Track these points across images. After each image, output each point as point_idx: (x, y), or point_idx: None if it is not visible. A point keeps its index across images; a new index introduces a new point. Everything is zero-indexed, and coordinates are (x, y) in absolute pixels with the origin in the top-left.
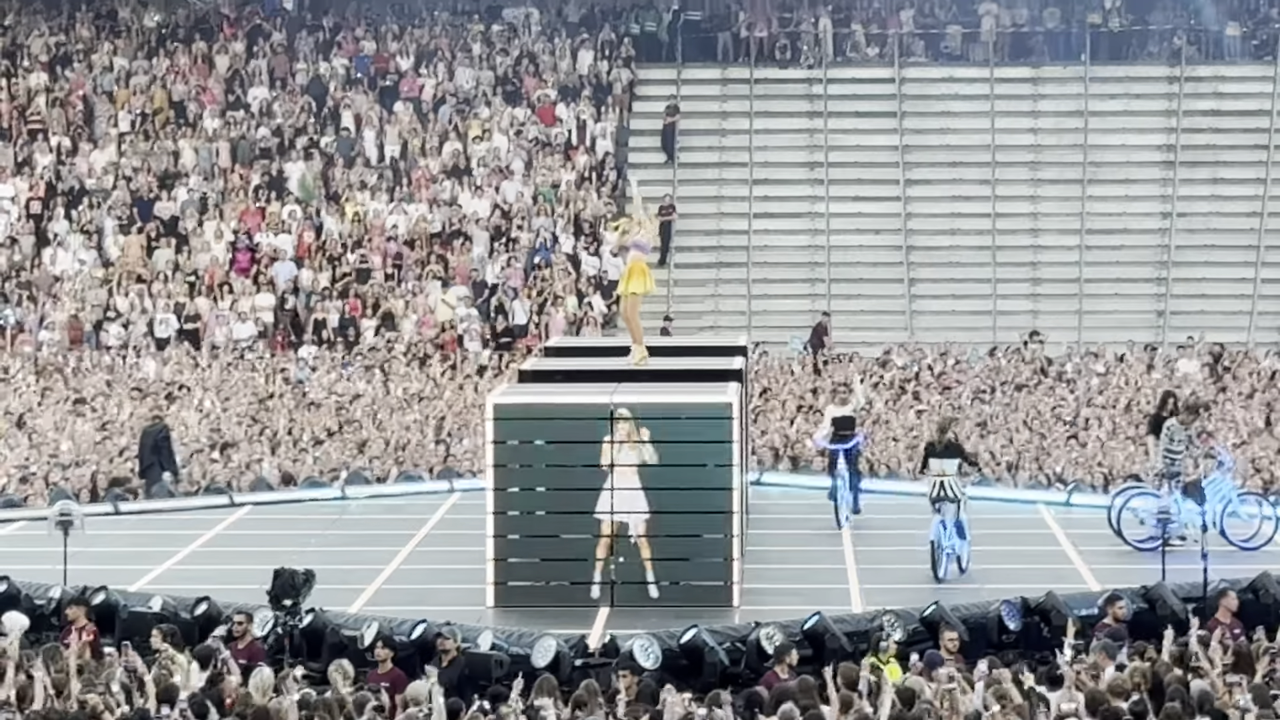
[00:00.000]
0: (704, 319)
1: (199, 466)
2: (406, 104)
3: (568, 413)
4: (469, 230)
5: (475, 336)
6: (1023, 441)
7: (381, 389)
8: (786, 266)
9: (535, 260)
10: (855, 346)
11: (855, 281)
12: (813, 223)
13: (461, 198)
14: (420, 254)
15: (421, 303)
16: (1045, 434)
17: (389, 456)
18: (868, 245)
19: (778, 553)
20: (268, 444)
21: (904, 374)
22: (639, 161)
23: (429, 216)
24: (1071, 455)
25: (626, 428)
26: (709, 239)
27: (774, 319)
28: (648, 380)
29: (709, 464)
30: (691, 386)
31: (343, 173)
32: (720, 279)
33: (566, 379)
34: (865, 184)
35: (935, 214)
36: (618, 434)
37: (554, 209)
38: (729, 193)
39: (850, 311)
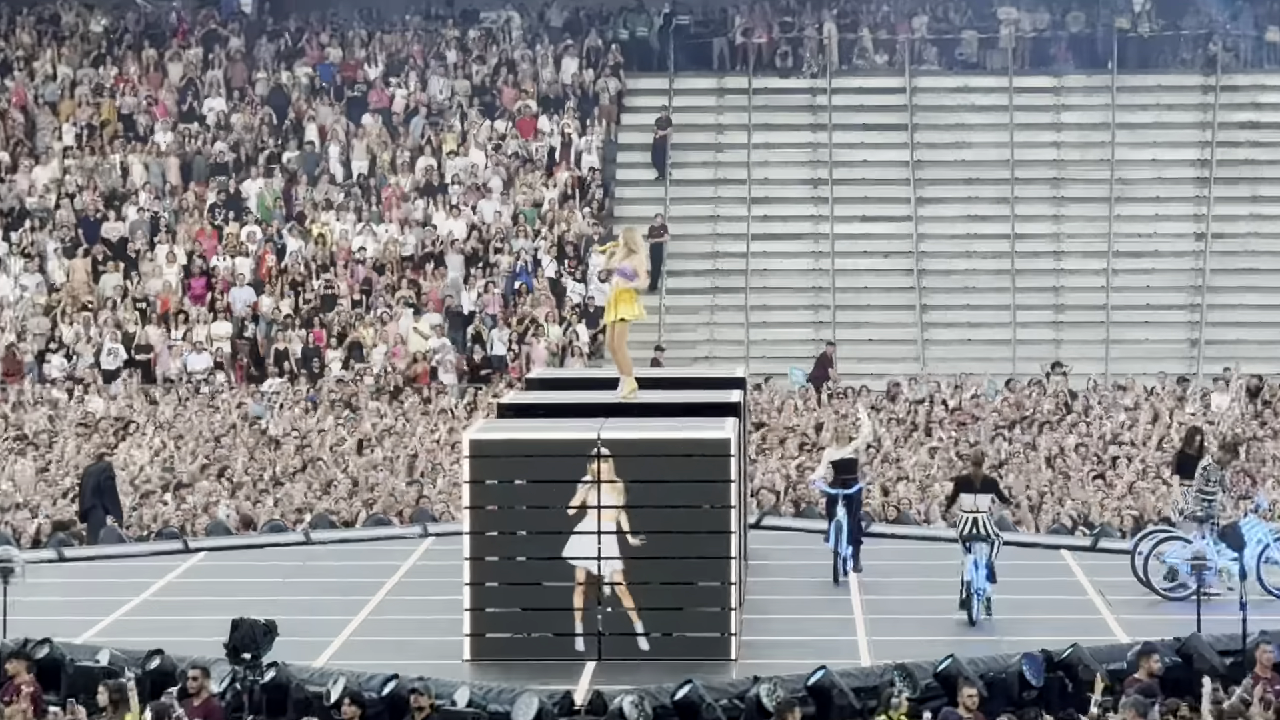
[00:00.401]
0: (698, 349)
1: (151, 509)
2: (375, 116)
3: (551, 450)
4: (443, 253)
5: (450, 368)
6: (1045, 482)
7: (349, 425)
8: (787, 292)
9: (515, 286)
10: (862, 379)
11: (862, 308)
12: (816, 245)
13: (435, 218)
14: (390, 279)
15: (392, 332)
16: (1069, 474)
17: (357, 498)
18: (876, 269)
19: (779, 602)
20: (225, 485)
21: (915, 409)
22: (628, 178)
23: (400, 238)
24: (1098, 497)
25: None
26: (704, 262)
27: (774, 349)
28: (638, 415)
29: (704, 505)
30: (685, 422)
31: (306, 191)
32: (716, 306)
33: (550, 414)
34: (873, 203)
35: (949, 235)
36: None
37: (536, 230)
38: (725, 212)
39: (857, 341)
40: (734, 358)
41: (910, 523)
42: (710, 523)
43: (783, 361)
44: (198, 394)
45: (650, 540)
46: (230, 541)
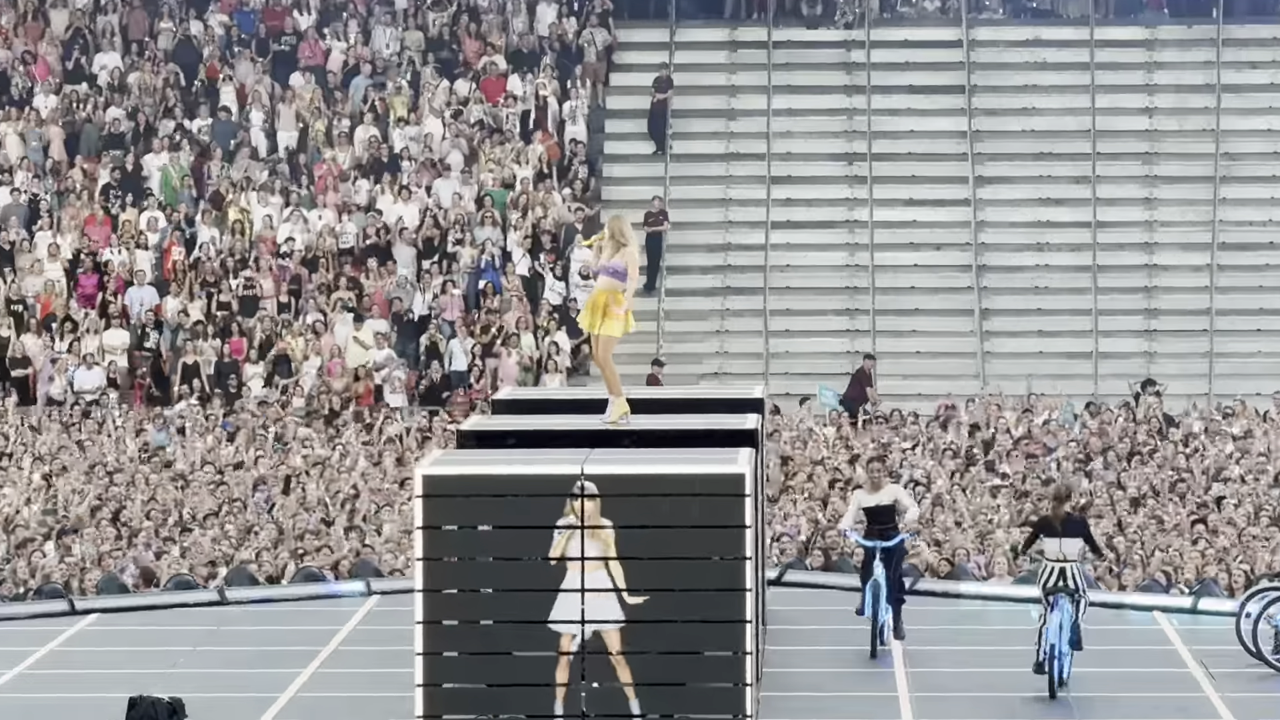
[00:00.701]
0: (706, 363)
1: (29, 561)
2: (307, 76)
3: (524, 488)
4: (391, 245)
5: (399, 387)
6: (1134, 528)
7: (274, 457)
8: (816, 294)
9: (480, 286)
10: (908, 400)
11: (908, 314)
12: (851, 235)
13: (381, 201)
14: (325, 277)
15: (327, 343)
16: (1164, 518)
17: (283, 548)
18: (925, 265)
19: (805, 676)
20: (121, 531)
21: (973, 438)
22: (619, 153)
23: (337, 227)
24: (1199, 546)
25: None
26: (713, 257)
27: (800, 363)
28: (631, 445)
29: (713, 557)
30: (689, 454)
31: (221, 168)
32: (728, 310)
33: (522, 444)
34: (922, 183)
35: (1015, 223)
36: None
37: (505, 217)
38: (739, 194)
39: (902, 354)
40: (750, 374)
41: (967, 578)
42: (721, 578)
43: (810, 379)
44: (87, 419)
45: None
46: (127, 601)
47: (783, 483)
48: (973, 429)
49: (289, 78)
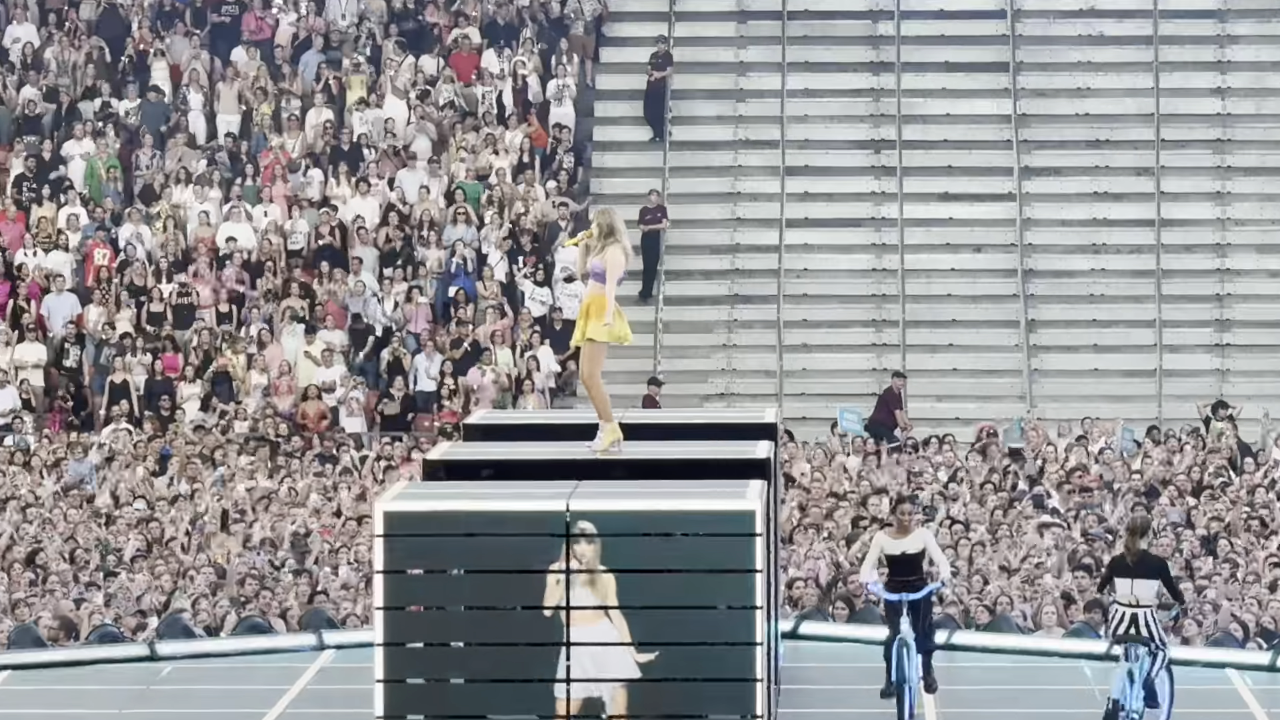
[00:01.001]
0: (711, 382)
1: None
2: (251, 51)
3: (502, 527)
4: (348, 246)
5: (357, 410)
6: (1205, 572)
7: (213, 490)
8: (838, 302)
9: (451, 293)
10: (943, 424)
11: (944, 325)
12: (879, 234)
13: (336, 196)
14: (272, 283)
15: (274, 358)
16: (1238, 561)
17: (224, 594)
18: (963, 269)
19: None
20: (37, 575)
21: (1018, 468)
22: (610, 139)
23: (286, 225)
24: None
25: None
26: (719, 259)
27: (819, 382)
28: (624, 477)
29: (720, 606)
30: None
31: (153, 157)
32: (736, 321)
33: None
34: (959, 175)
35: (1067, 221)
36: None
37: (480, 214)
38: (750, 187)
39: (936, 372)
40: (761, 396)
41: (1011, 629)
42: (727, 630)
43: (830, 401)
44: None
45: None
46: (44, 656)
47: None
48: (1016, 457)
49: (230, 53)
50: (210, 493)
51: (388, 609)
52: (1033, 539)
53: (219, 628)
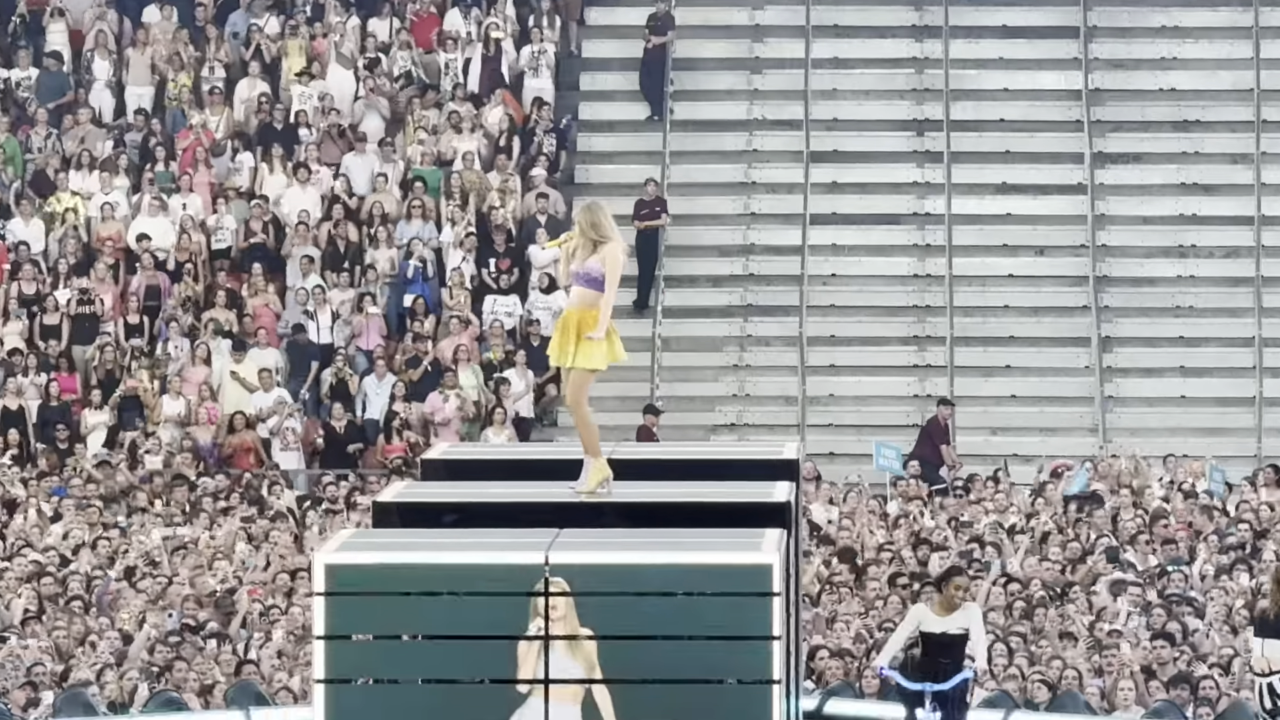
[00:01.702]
0: (720, 410)
1: None
2: (166, 11)
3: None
4: (283, 247)
5: (294, 442)
6: None
7: (120, 539)
8: (873, 314)
9: (406, 302)
10: (998, 459)
11: (1001, 343)
12: (922, 232)
13: (270, 185)
14: (192, 289)
15: (194, 381)
16: None
17: (132, 665)
18: (1024, 275)
19: None
20: None
21: (1089, 513)
22: (600, 117)
23: (209, 220)
24: None
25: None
26: (730, 262)
27: (849, 411)
28: (614, 524)
29: (730, 680)
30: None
31: (48, 137)
32: (750, 337)
33: (464, 521)
34: (1018, 162)
35: (1149, 218)
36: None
37: (441, 207)
38: (768, 176)
39: (990, 398)
40: (780, 426)
41: (1079, 710)
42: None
43: (863, 433)
44: None
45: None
46: None
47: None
48: (1089, 502)
49: (141, 13)
50: (116, 541)
51: (329, 682)
52: (1105, 600)
53: (127, 703)
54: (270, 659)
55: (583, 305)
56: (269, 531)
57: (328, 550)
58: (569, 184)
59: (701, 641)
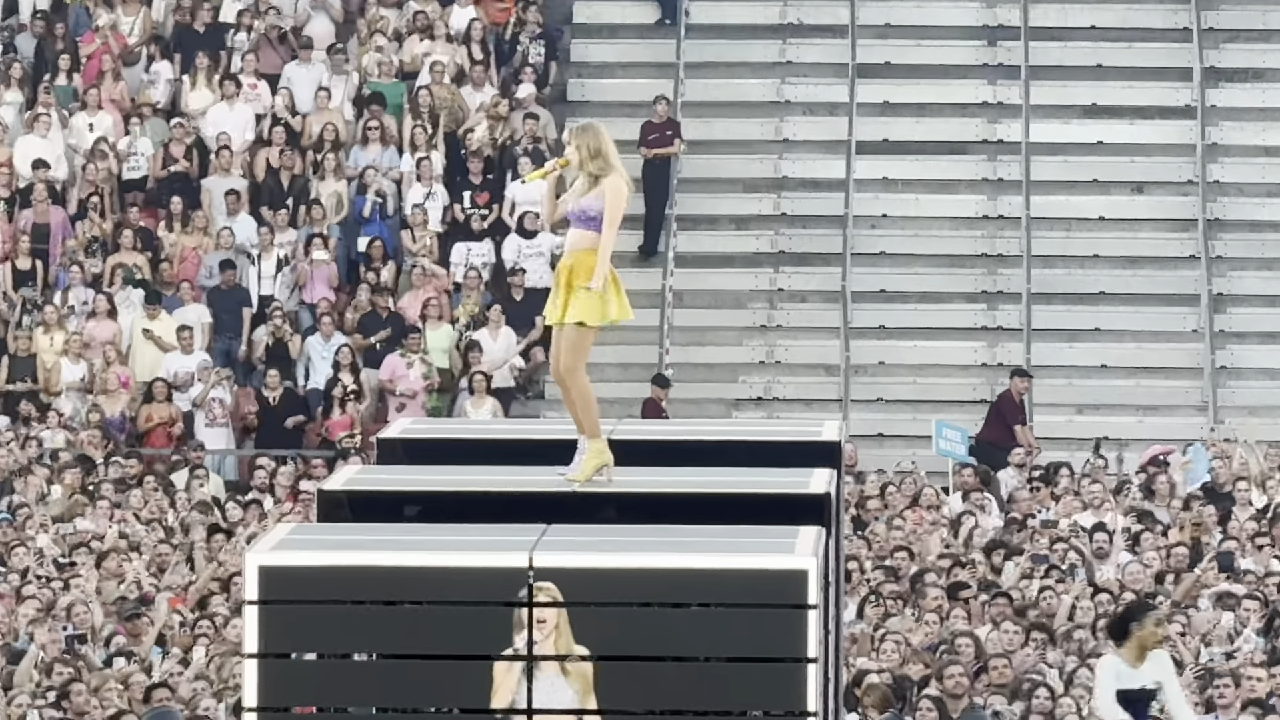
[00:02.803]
0: (744, 381)
1: None
2: None
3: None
4: (209, 181)
5: (220, 416)
6: None
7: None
8: (932, 265)
9: (361, 246)
10: (1085, 443)
11: (1088, 300)
12: (993, 165)
13: (193, 100)
14: (99, 229)
15: (99, 338)
16: None
17: (21, 689)
18: (1118, 218)
19: None
20: None
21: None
22: (599, 20)
23: (119, 145)
24: None
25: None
26: (757, 200)
27: (903, 383)
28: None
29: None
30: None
31: None
32: (781, 291)
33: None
34: (1112, 78)
35: (1270, 148)
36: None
37: (403, 130)
38: (804, 94)
39: (1076, 369)
40: (818, 401)
41: None
42: None
43: (920, 410)
44: None
45: None
46: None
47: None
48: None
49: None
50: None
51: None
52: (1212, 617)
53: None
54: (190, 682)
55: (580, 251)
56: (190, 525)
57: (261, 549)
58: (561, 102)
59: (720, 664)
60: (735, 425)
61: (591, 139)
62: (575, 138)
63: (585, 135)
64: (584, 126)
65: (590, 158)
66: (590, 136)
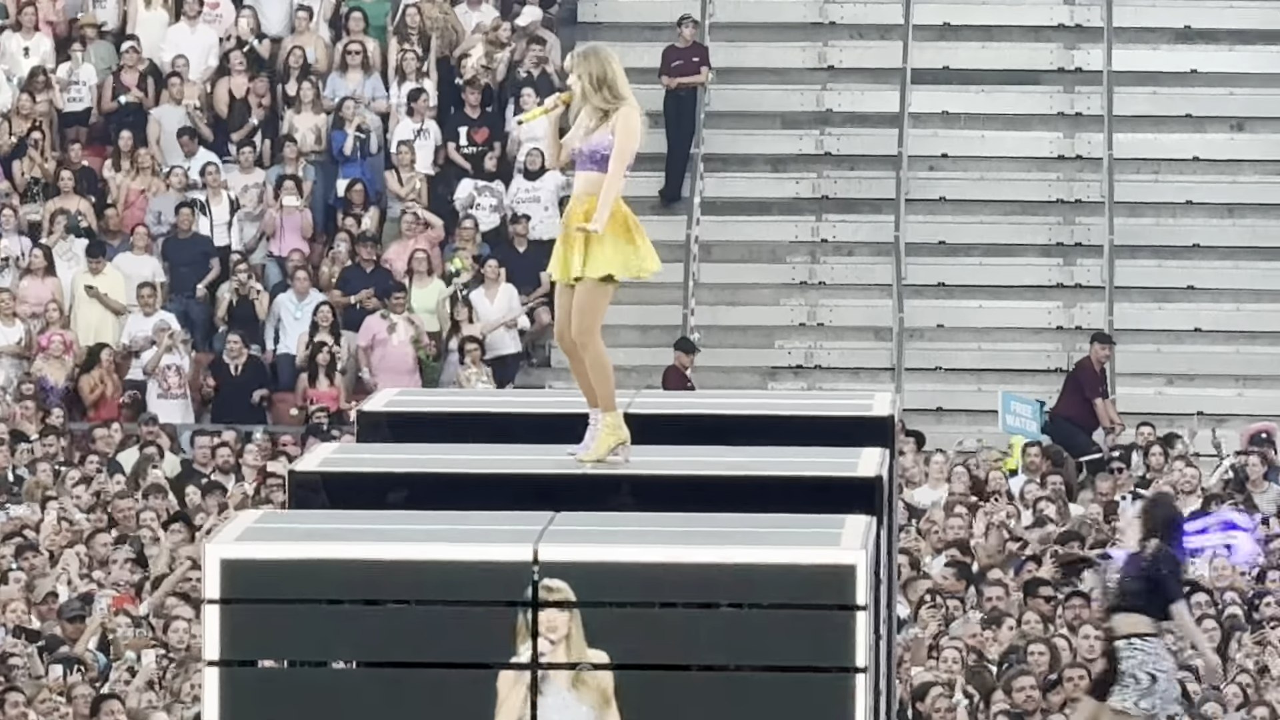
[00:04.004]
0: (782, 346)
1: None
2: None
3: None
4: (158, 112)
5: (176, 386)
6: None
7: None
8: (999, 213)
9: (340, 190)
10: (1177, 419)
11: (1181, 254)
12: (1070, 96)
13: (145, 21)
14: (39, 167)
15: (37, 296)
16: None
17: None
18: (1213, 158)
19: None
20: None
21: None
22: None
23: (60, 72)
24: None
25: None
26: (798, 138)
27: (966, 350)
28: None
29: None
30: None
31: None
32: (825, 243)
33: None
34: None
35: None
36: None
37: (389, 54)
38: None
39: (1165, 333)
40: (867, 370)
41: None
42: None
43: (985, 379)
44: None
45: None
46: None
47: None
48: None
49: None
50: None
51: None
52: None
53: None
54: (140, 691)
55: (592, 196)
56: (140, 513)
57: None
58: (570, 24)
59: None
60: (771, 398)
61: (596, 65)
62: (578, 65)
63: (589, 62)
64: (587, 51)
65: (595, 88)
66: (595, 63)
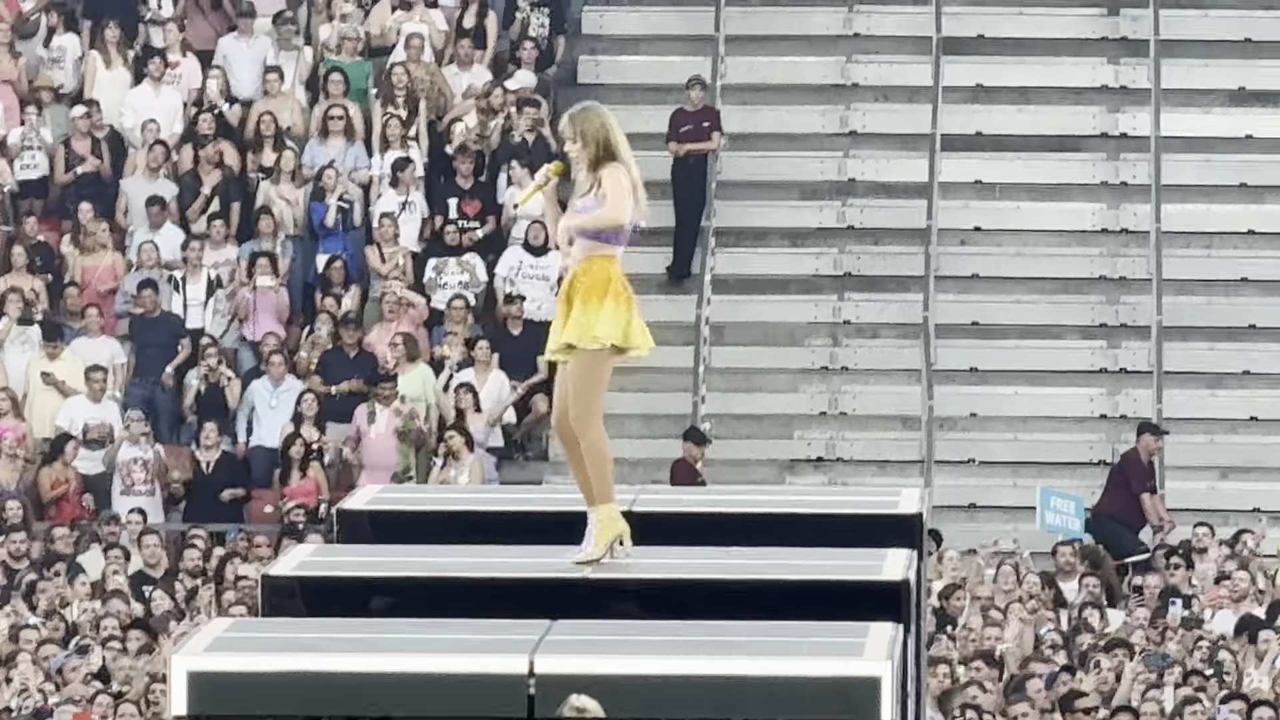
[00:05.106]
0: (801, 437)
1: None
2: None
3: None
4: (128, 184)
5: (141, 481)
6: None
7: None
8: (1037, 291)
9: (319, 266)
10: (1235, 520)
11: (1236, 335)
12: (1115, 164)
13: (105, 84)
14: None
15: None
16: None
17: None
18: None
19: None
20: None
21: None
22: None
23: (13, 137)
24: None
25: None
26: (818, 209)
27: (1000, 440)
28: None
29: None
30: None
31: None
32: (848, 324)
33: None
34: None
35: None
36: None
37: (373, 119)
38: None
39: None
40: (894, 463)
41: None
42: None
43: (1022, 474)
44: None
45: None
46: None
47: None
48: None
49: None
50: None
51: None
52: None
53: None
54: None
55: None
56: (100, 620)
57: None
58: (570, 85)
59: None
60: (789, 494)
61: (587, 123)
62: (572, 125)
63: (583, 120)
64: (581, 111)
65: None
66: (587, 120)
